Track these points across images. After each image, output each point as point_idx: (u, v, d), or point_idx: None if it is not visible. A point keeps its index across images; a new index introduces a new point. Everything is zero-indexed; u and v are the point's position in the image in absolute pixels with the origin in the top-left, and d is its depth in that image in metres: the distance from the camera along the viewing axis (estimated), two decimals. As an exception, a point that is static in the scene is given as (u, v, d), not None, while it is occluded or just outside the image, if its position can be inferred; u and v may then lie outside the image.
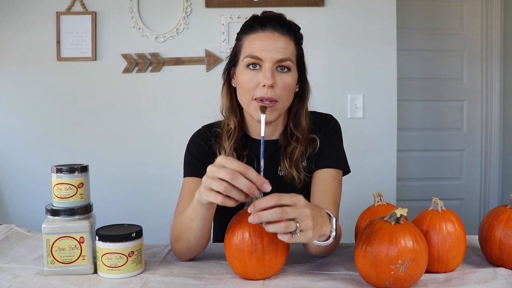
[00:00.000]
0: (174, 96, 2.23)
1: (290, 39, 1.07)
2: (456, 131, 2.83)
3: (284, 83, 1.05)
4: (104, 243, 0.87)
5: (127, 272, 0.88)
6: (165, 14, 2.21)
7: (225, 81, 1.15)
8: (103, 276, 0.88)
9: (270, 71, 1.03)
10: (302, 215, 0.76)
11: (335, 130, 1.18)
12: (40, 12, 2.19)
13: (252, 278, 0.87)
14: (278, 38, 1.04)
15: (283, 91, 1.05)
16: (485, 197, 2.86)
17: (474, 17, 2.77)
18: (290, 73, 1.06)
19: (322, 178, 1.11)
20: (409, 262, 0.78)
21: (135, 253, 0.89)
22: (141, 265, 0.91)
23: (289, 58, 1.05)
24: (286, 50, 1.04)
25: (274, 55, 1.03)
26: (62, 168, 0.90)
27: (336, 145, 1.17)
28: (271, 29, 1.05)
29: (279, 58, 1.03)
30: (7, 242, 1.10)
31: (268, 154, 1.14)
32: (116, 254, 0.87)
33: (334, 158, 1.14)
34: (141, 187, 2.23)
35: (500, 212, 0.92)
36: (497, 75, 2.77)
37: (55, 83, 2.23)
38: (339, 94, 2.22)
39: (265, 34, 1.05)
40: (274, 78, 1.03)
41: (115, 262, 0.87)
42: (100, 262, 0.88)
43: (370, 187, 1.22)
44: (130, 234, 0.88)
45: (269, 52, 1.03)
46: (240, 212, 0.89)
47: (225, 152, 1.11)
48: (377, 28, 2.22)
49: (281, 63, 1.04)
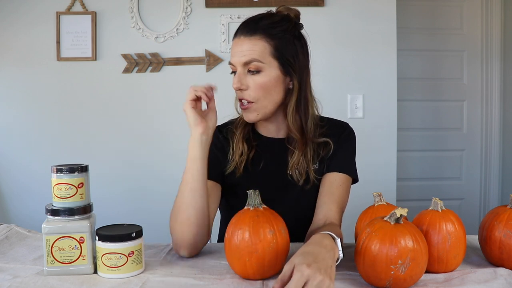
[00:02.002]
0: (174, 96, 2.23)
1: (258, 39, 1.07)
2: (456, 131, 2.83)
3: (256, 84, 1.08)
4: (104, 243, 0.87)
5: (127, 272, 0.88)
6: (165, 14, 2.21)
7: None
8: (103, 276, 0.88)
9: (238, 76, 1.09)
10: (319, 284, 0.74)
11: (351, 138, 1.20)
12: (40, 12, 2.19)
13: (252, 278, 0.87)
14: (243, 42, 1.08)
15: (256, 92, 1.08)
16: (485, 197, 2.86)
17: (474, 17, 2.77)
18: (262, 73, 1.08)
19: (331, 181, 1.12)
20: (409, 262, 0.78)
21: (135, 253, 0.89)
22: (141, 265, 0.91)
23: (255, 59, 1.07)
24: (252, 51, 1.07)
25: (239, 59, 1.08)
26: (62, 168, 0.90)
27: (349, 152, 1.18)
28: (239, 35, 1.10)
29: (243, 62, 1.07)
30: (7, 242, 1.10)
31: (275, 153, 1.16)
32: (116, 254, 0.87)
33: (346, 164, 1.15)
34: (141, 187, 2.23)
35: (500, 212, 0.92)
36: (497, 75, 2.77)
37: (55, 83, 2.23)
38: (339, 94, 2.22)
39: (235, 41, 1.11)
40: (244, 81, 1.08)
41: (115, 262, 0.87)
42: (100, 262, 0.88)
43: (370, 187, 1.22)
44: (130, 234, 0.88)
45: (236, 57, 1.09)
46: (240, 212, 0.89)
47: (236, 138, 1.16)
48: (377, 28, 2.22)
49: (248, 65, 1.08)
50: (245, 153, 1.15)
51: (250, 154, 1.15)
